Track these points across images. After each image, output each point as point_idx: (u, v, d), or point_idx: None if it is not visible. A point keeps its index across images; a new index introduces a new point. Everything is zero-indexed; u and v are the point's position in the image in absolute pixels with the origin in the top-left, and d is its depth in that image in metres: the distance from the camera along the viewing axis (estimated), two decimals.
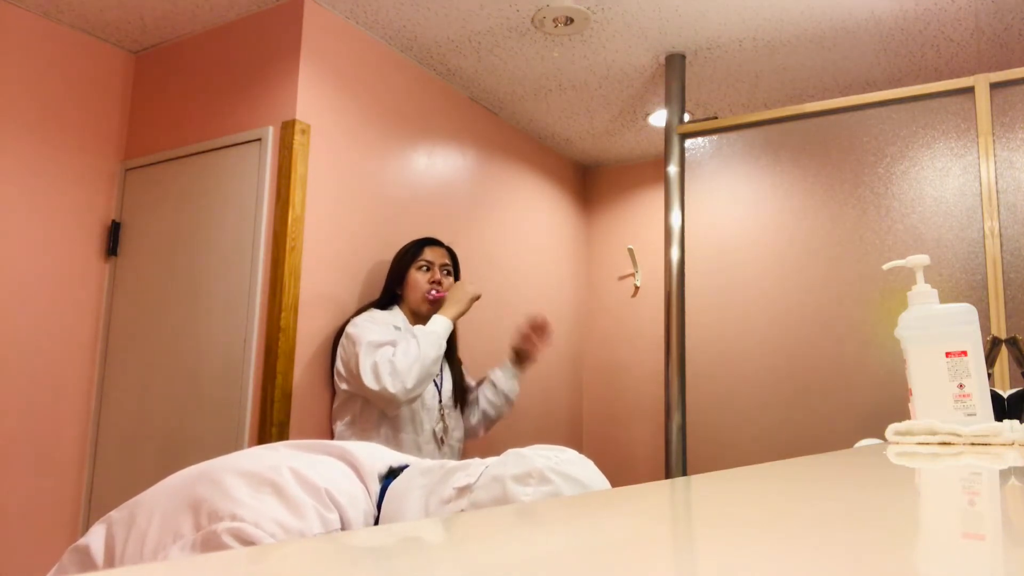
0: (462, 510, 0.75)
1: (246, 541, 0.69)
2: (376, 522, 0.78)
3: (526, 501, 0.72)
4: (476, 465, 0.79)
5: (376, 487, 0.81)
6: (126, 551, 0.74)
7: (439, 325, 2.18)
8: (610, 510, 0.48)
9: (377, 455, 0.85)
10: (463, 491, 0.77)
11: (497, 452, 1.04)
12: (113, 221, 2.70)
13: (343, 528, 0.74)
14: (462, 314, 2.27)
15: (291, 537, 0.70)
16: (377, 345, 2.10)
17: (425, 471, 0.82)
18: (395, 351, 2.07)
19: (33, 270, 2.46)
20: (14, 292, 2.40)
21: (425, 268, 2.36)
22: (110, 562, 0.73)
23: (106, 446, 2.54)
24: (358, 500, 0.78)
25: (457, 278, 2.45)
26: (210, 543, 0.69)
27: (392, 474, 0.84)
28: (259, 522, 0.70)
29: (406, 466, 0.85)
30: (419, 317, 2.33)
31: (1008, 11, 2.49)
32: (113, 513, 0.80)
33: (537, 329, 2.45)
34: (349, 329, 2.21)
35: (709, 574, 0.30)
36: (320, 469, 0.79)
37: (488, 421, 2.50)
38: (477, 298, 2.30)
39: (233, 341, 2.31)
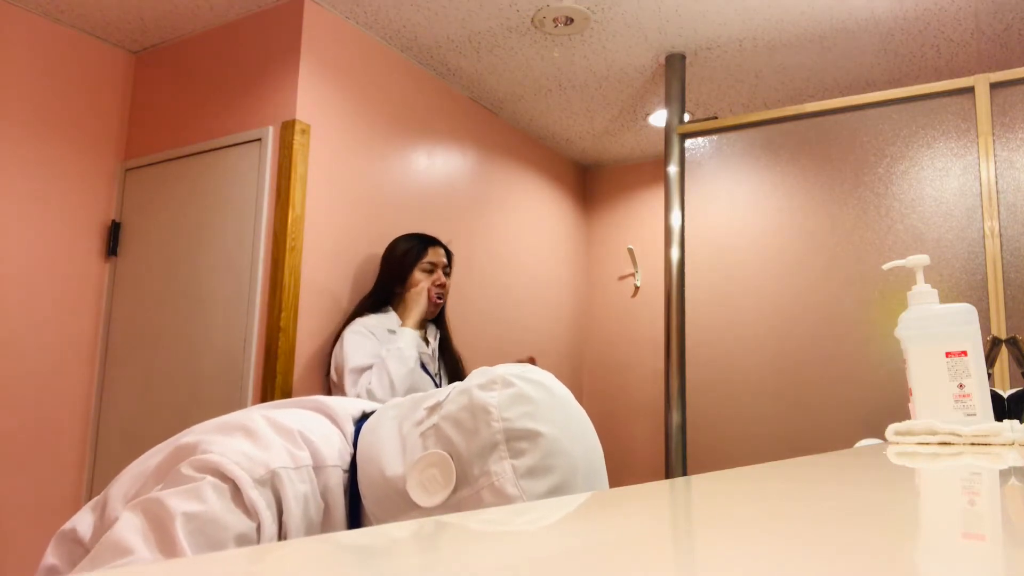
0: (434, 425, 0.74)
1: (212, 469, 0.67)
2: (353, 460, 0.77)
3: (492, 405, 0.71)
4: (445, 388, 0.79)
5: (351, 428, 0.81)
6: (106, 511, 0.74)
7: (403, 340, 2.19)
8: (610, 510, 0.48)
9: (350, 403, 0.85)
10: (433, 409, 0.76)
11: None
12: (113, 221, 2.70)
13: (315, 466, 0.74)
14: (423, 314, 2.28)
15: (256, 466, 0.69)
16: (360, 371, 2.14)
17: (396, 404, 0.83)
18: (372, 379, 2.10)
19: (33, 270, 2.46)
20: (14, 292, 2.40)
21: (429, 270, 2.36)
22: (97, 535, 0.72)
23: (106, 446, 2.54)
24: (332, 440, 0.78)
25: (449, 278, 2.45)
26: (176, 477, 0.69)
27: (365, 417, 0.84)
28: (225, 452, 0.69)
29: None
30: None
31: (1008, 11, 2.49)
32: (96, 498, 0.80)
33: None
34: (344, 335, 2.22)
35: (709, 574, 0.30)
36: (293, 415, 0.79)
37: None
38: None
39: (233, 341, 2.31)
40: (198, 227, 2.51)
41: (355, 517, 0.75)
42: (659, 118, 3.40)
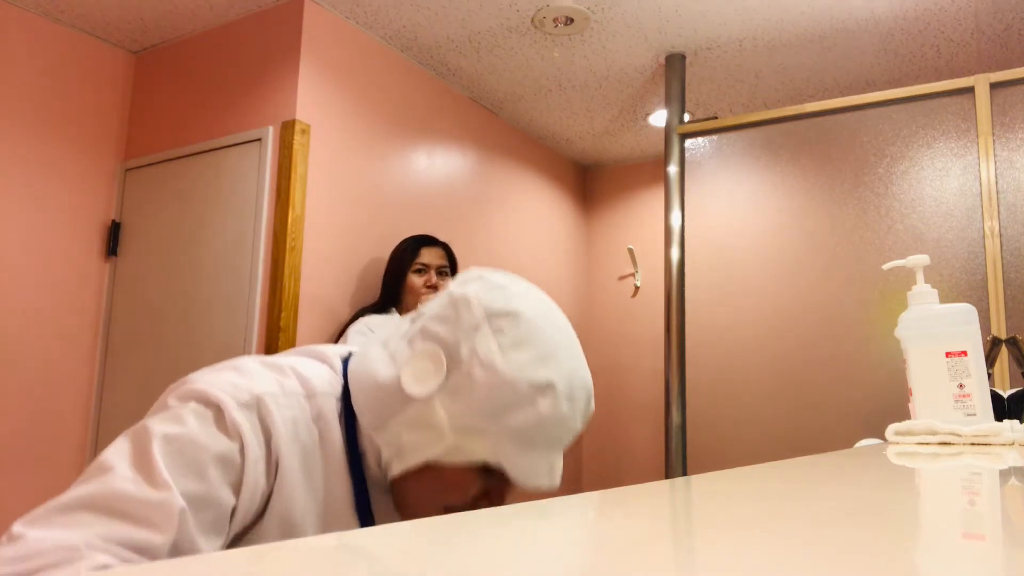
0: (419, 328, 0.77)
1: (196, 396, 0.68)
2: (344, 388, 0.78)
3: (471, 295, 0.75)
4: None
5: (339, 364, 0.82)
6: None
7: None
8: (610, 510, 0.48)
9: (339, 347, 0.87)
10: (416, 318, 0.80)
11: None
12: (113, 221, 2.70)
13: (306, 394, 0.75)
14: None
15: (240, 391, 0.69)
16: None
17: (381, 335, 0.86)
18: None
19: (33, 270, 2.46)
20: (14, 292, 2.40)
21: (421, 271, 2.37)
22: None
23: (106, 446, 2.54)
24: (322, 373, 0.79)
25: (454, 277, 2.46)
26: (162, 406, 0.70)
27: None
28: (210, 382, 0.70)
29: None
30: None
31: (1008, 11, 2.49)
32: None
33: None
34: (348, 334, 2.24)
35: (709, 574, 0.30)
36: (283, 357, 0.80)
37: None
38: None
39: (233, 341, 2.31)
40: (198, 227, 2.51)
41: (352, 443, 0.76)
42: (659, 118, 3.40)
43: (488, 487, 0.75)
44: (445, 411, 0.72)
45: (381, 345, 0.80)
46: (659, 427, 3.12)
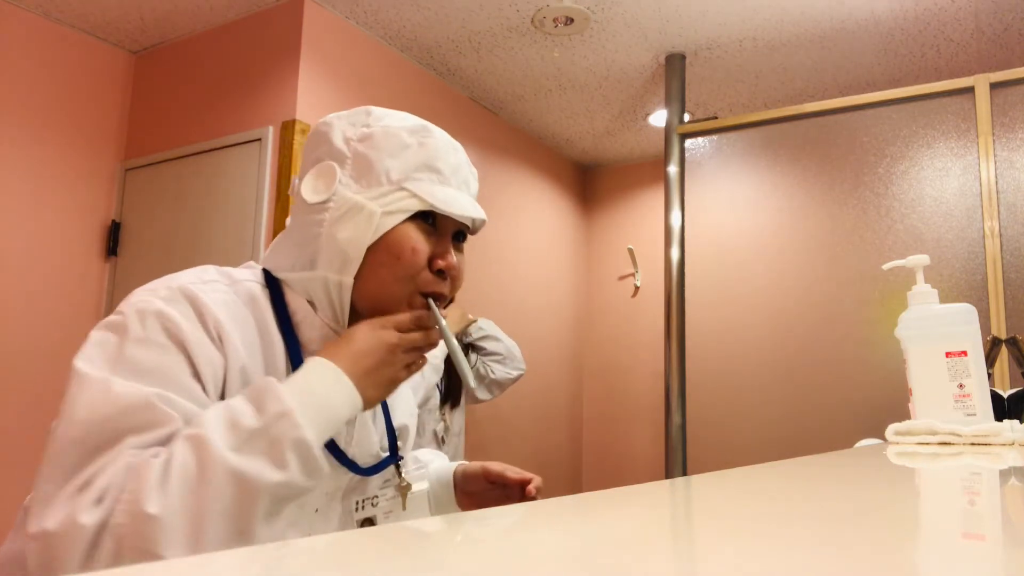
0: (300, 171, 0.85)
1: (133, 315, 0.71)
2: (266, 276, 0.84)
3: (319, 122, 0.86)
4: None
5: (254, 265, 0.89)
6: None
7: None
8: (610, 510, 0.48)
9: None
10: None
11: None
12: (113, 221, 2.70)
13: (228, 283, 0.79)
14: (457, 334, 2.34)
15: (159, 288, 0.74)
16: None
17: None
18: None
19: (33, 270, 2.46)
20: (14, 292, 2.40)
21: None
22: None
23: None
24: (239, 270, 0.85)
25: None
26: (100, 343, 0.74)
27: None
28: (134, 303, 0.73)
29: None
30: None
31: (1008, 11, 2.49)
32: None
33: None
34: None
35: (709, 574, 0.30)
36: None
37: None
38: (471, 324, 2.41)
39: None
40: (198, 227, 2.51)
41: (283, 316, 0.80)
42: (659, 118, 3.40)
43: (435, 245, 0.80)
44: (357, 193, 0.78)
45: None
46: (659, 427, 3.12)
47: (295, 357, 0.78)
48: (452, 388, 2.41)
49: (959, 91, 2.22)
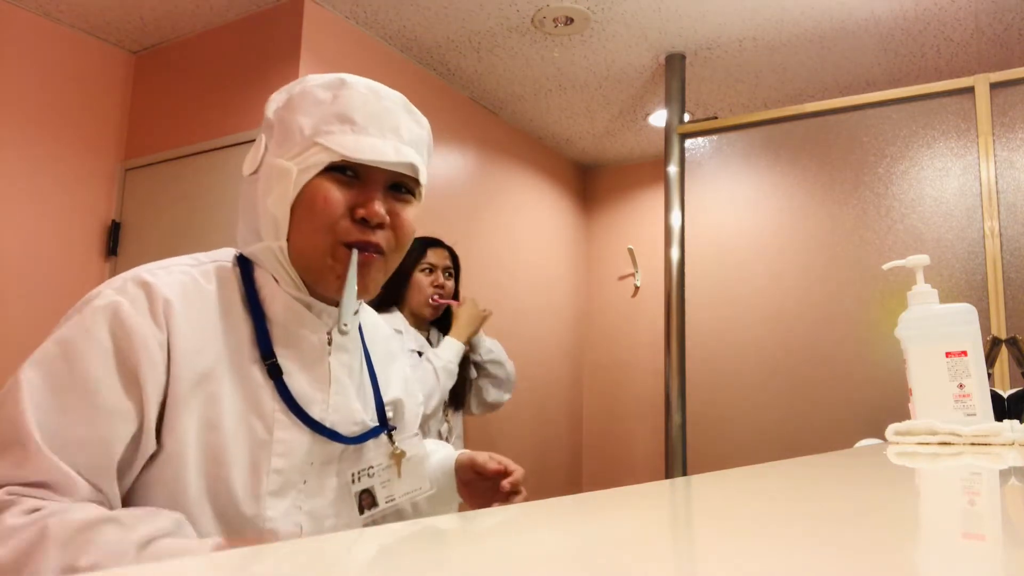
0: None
1: (89, 310, 0.75)
2: (240, 257, 0.87)
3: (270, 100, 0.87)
4: None
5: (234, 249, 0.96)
6: None
7: (453, 353, 2.20)
8: (610, 510, 0.48)
9: None
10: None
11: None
12: (113, 221, 2.70)
13: (192, 264, 0.83)
14: (474, 334, 2.31)
15: (116, 282, 0.77)
16: None
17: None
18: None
19: (33, 270, 2.46)
20: (14, 292, 2.40)
21: (428, 271, 2.36)
22: None
23: None
24: (213, 251, 0.91)
25: (458, 279, 2.45)
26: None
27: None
28: (98, 295, 0.76)
29: None
30: (419, 320, 2.33)
31: (1008, 11, 2.49)
32: None
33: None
34: None
35: (709, 574, 0.30)
36: None
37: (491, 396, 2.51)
38: (487, 318, 2.37)
39: None
40: (198, 227, 2.51)
41: (251, 291, 0.83)
42: (659, 118, 3.40)
43: (354, 194, 0.80)
44: (278, 157, 0.80)
45: None
46: (659, 427, 3.11)
47: (260, 332, 0.80)
48: (457, 391, 2.40)
49: (959, 91, 2.22)
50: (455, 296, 2.40)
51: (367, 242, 0.80)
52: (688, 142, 2.68)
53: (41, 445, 0.65)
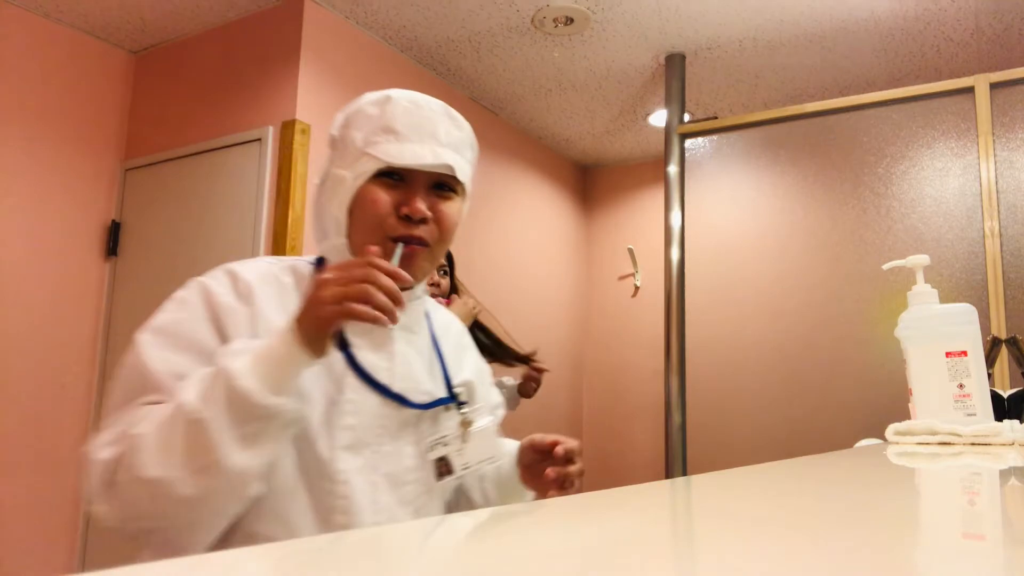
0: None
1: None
2: (319, 259, 1.00)
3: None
4: None
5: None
6: None
7: None
8: (610, 510, 0.48)
9: None
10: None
11: None
12: (113, 221, 2.70)
13: (274, 262, 0.97)
14: (467, 320, 2.32)
15: (210, 271, 0.94)
16: None
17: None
18: None
19: (33, 270, 2.46)
20: (14, 292, 2.40)
21: None
22: None
23: None
24: (299, 256, 1.05)
25: (453, 277, 2.45)
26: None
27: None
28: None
29: None
30: None
31: (1008, 11, 2.49)
32: None
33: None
34: None
35: (709, 574, 0.30)
36: None
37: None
38: (478, 313, 2.40)
39: None
40: (198, 227, 2.51)
41: None
42: (659, 118, 3.40)
43: (399, 194, 0.91)
44: (338, 167, 0.93)
45: None
46: (659, 427, 3.11)
47: None
48: None
49: (959, 91, 2.22)
50: (452, 292, 2.41)
51: (411, 236, 0.90)
52: (688, 142, 2.68)
53: (161, 377, 0.82)
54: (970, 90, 2.20)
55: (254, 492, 0.79)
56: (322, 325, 0.79)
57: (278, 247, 2.29)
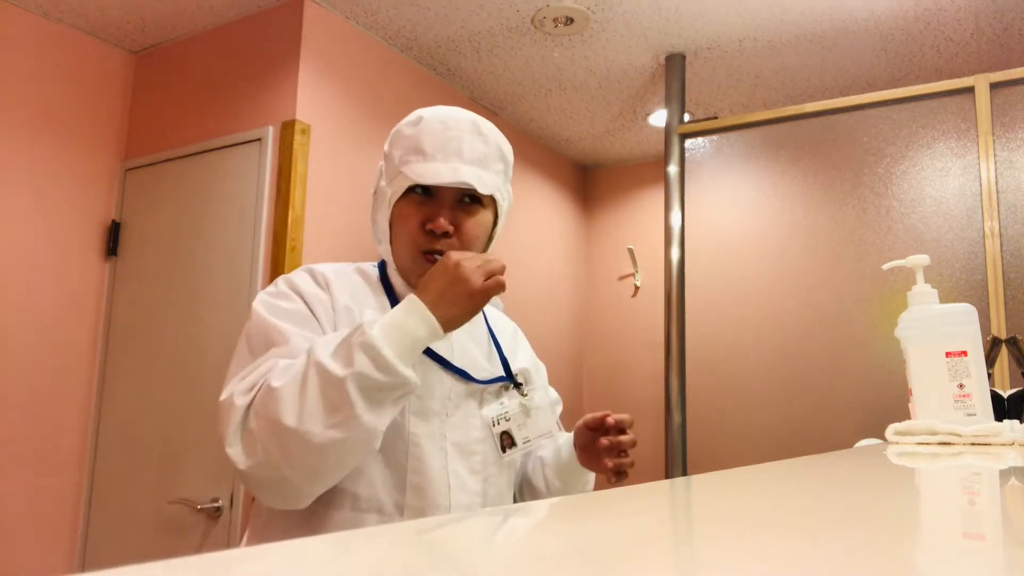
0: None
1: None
2: (382, 263, 1.15)
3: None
4: None
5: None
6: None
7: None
8: (610, 510, 0.48)
9: None
10: None
11: None
12: (113, 221, 2.70)
13: (345, 265, 1.11)
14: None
15: (292, 272, 1.08)
16: None
17: None
18: None
19: (33, 270, 2.46)
20: (14, 292, 2.40)
21: None
22: None
23: (106, 446, 2.54)
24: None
25: None
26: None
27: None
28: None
29: None
30: None
31: (1008, 11, 2.49)
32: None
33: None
34: None
35: (709, 574, 0.30)
36: None
37: None
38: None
39: (233, 341, 2.31)
40: (198, 227, 2.51)
41: (388, 287, 1.09)
42: (659, 118, 3.40)
43: (427, 210, 1.02)
44: (383, 182, 1.06)
45: None
46: (659, 427, 3.11)
47: (392, 303, 1.04)
48: None
49: (959, 91, 2.22)
50: None
51: (433, 249, 1.01)
52: (688, 142, 2.68)
53: (285, 331, 0.94)
54: (970, 90, 2.20)
55: (376, 448, 0.87)
56: (476, 297, 0.89)
57: (278, 247, 2.29)
